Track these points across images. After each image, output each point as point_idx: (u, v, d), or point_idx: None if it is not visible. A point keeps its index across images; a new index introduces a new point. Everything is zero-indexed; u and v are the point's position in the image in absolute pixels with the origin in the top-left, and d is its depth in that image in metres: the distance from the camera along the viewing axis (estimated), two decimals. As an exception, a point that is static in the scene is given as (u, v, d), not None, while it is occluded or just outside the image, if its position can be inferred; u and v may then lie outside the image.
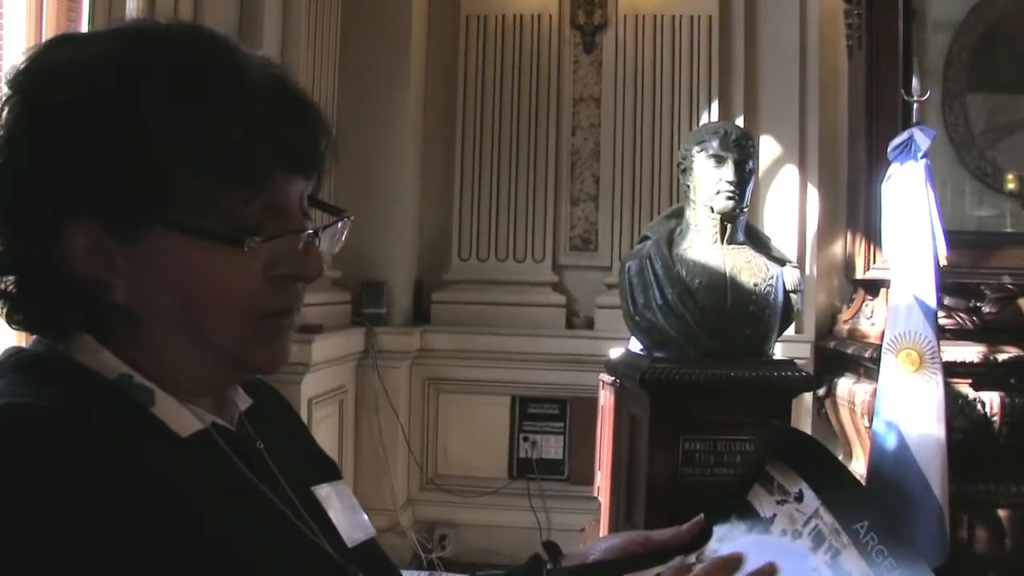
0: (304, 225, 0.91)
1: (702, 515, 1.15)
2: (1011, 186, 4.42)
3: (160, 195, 0.83)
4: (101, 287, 0.85)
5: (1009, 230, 4.41)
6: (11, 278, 0.87)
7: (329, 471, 1.08)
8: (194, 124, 0.83)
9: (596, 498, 3.70)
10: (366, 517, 1.06)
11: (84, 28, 2.71)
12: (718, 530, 1.13)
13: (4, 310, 0.89)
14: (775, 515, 1.10)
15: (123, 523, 0.74)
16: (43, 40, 2.36)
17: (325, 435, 4.20)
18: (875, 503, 1.09)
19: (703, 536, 1.13)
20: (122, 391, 0.86)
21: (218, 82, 0.85)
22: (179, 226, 0.83)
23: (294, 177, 0.90)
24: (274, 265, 0.88)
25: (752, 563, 1.05)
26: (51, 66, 0.86)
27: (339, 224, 0.96)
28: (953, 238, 3.54)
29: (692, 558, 1.11)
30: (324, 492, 1.01)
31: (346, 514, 1.02)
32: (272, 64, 0.92)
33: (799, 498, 1.09)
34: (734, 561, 1.06)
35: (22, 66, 0.86)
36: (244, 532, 0.83)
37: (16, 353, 0.88)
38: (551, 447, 4.80)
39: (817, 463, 1.11)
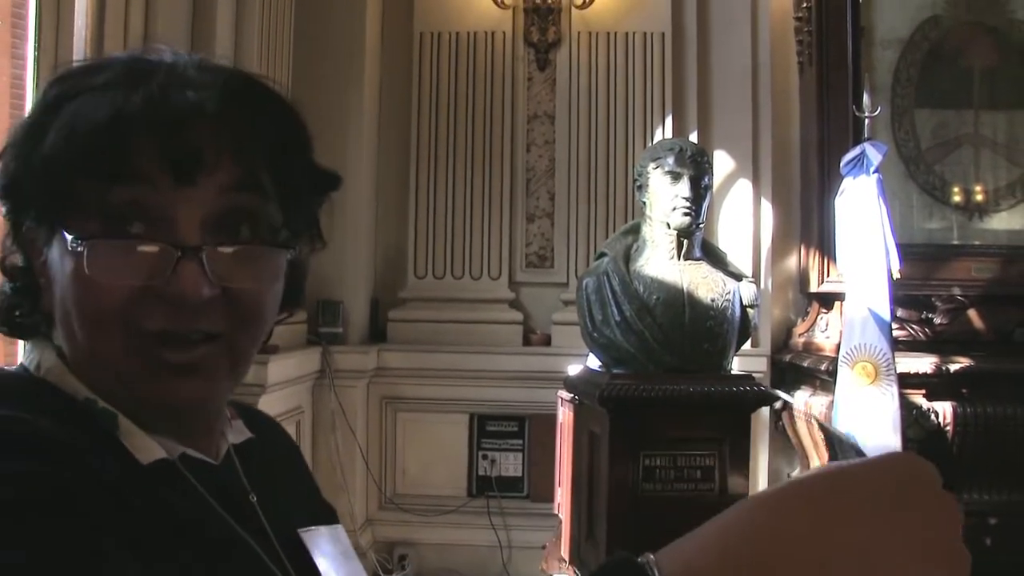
0: (156, 236, 0.79)
1: None
2: (957, 199, 4.50)
3: (40, 198, 0.81)
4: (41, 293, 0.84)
5: (956, 242, 4.49)
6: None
7: (325, 515, 1.04)
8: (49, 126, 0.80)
9: (556, 515, 3.69)
10: (359, 565, 1.01)
11: (31, 41, 2.67)
12: None
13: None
14: None
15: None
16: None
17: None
18: None
19: None
20: (91, 415, 0.81)
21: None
22: (53, 227, 0.81)
23: (179, 185, 0.79)
24: (136, 275, 0.79)
25: None
26: None
27: (233, 250, 0.82)
28: (904, 251, 3.60)
29: None
30: (312, 535, 0.96)
31: (336, 560, 0.97)
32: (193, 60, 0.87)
33: None
34: None
35: None
36: (197, 571, 0.78)
37: None
38: (510, 464, 4.78)
39: None
